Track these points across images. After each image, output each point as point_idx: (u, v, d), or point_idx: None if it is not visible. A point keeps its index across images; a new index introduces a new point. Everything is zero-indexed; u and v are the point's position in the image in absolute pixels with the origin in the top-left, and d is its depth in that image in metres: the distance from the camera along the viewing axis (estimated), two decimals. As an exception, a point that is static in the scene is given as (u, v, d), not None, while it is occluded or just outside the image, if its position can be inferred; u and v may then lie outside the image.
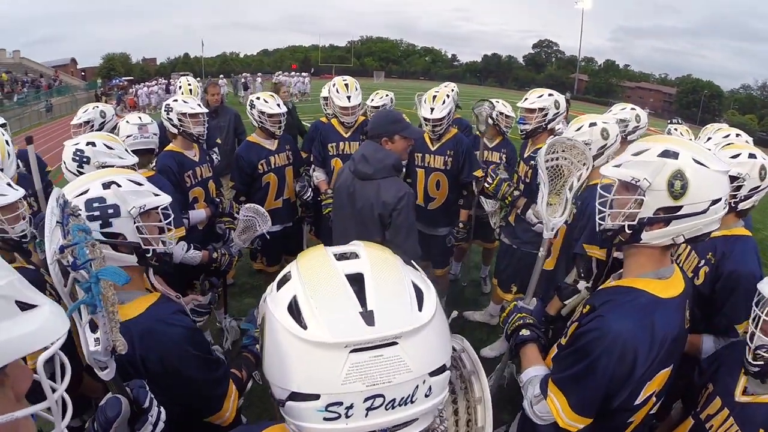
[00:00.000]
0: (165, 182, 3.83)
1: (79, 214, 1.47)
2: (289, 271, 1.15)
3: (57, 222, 1.33)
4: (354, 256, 1.16)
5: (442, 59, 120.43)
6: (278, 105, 5.14)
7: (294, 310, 1.05)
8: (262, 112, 5.11)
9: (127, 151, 3.54)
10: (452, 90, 5.18)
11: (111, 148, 3.42)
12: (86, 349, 1.39)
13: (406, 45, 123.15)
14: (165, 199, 2.21)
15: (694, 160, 1.85)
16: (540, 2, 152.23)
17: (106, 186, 2.04)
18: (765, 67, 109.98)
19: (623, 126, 4.55)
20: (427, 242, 5.02)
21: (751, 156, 2.76)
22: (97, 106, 5.05)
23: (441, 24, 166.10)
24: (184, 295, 2.85)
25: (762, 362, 1.95)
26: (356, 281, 1.07)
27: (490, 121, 5.56)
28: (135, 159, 3.55)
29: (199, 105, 4.57)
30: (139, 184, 2.15)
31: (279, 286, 1.14)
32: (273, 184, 5.32)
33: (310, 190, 5.50)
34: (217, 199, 4.81)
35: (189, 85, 6.55)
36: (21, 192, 2.59)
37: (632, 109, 4.87)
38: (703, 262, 2.88)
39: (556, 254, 4.17)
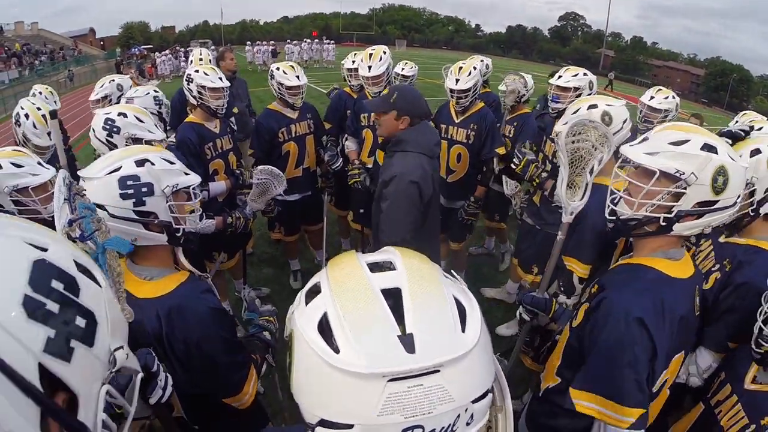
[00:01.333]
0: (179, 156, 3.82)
1: (84, 194, 1.51)
2: (318, 282, 1.04)
3: (64, 199, 1.35)
4: (389, 266, 1.04)
5: (465, 29, 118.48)
6: (297, 77, 5.08)
7: (325, 329, 0.94)
8: (281, 84, 5.08)
9: (156, 126, 3.52)
10: (481, 61, 5.12)
11: (141, 121, 3.43)
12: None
13: (429, 13, 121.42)
14: (195, 178, 2.19)
15: (729, 155, 1.88)
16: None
17: (140, 164, 1.99)
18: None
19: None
20: (446, 215, 4.95)
21: (755, 152, 2.48)
22: (113, 80, 5.13)
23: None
24: (203, 269, 2.84)
25: (763, 350, 2.01)
26: (392, 296, 0.96)
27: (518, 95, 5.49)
28: (163, 135, 3.58)
29: (221, 78, 4.45)
30: (171, 163, 2.12)
31: (307, 299, 1.02)
32: (293, 152, 5.26)
33: (340, 159, 5.43)
34: (238, 171, 4.73)
35: (200, 58, 6.52)
36: (52, 171, 2.61)
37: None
38: (717, 266, 2.66)
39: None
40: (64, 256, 0.83)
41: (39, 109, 4.15)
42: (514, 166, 4.55)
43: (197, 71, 4.41)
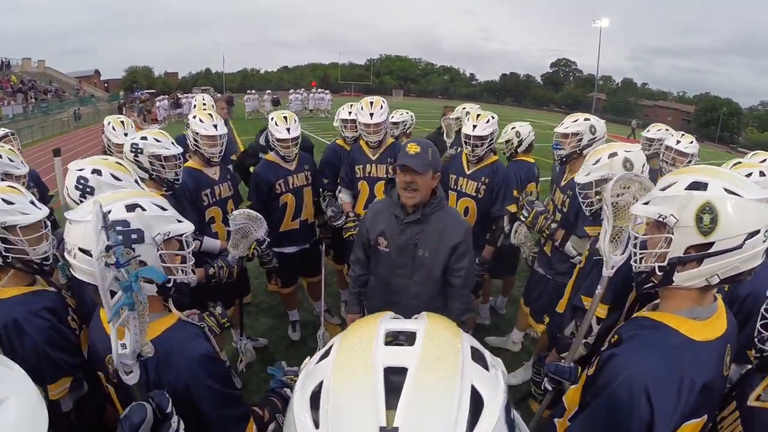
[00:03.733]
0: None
1: (116, 228, 1.57)
2: (332, 345, 0.97)
3: (101, 227, 1.37)
4: (408, 340, 0.94)
5: (460, 78, 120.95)
6: (287, 130, 4.90)
7: (315, 400, 0.87)
8: (272, 134, 5.00)
9: (137, 182, 3.09)
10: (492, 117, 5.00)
11: (118, 179, 2.94)
12: (115, 353, 1.45)
13: (424, 64, 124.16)
14: (188, 226, 2.07)
15: (726, 189, 1.66)
16: (560, 22, 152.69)
17: (130, 208, 1.89)
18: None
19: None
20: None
21: (762, 174, 2.49)
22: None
23: (463, 44, 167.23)
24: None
25: (760, 354, 2.00)
26: (399, 374, 0.85)
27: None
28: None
29: (215, 126, 4.44)
30: (164, 209, 2.01)
31: (321, 358, 0.96)
32: (290, 204, 5.18)
33: (343, 216, 5.29)
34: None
35: (204, 105, 6.41)
36: (45, 211, 2.49)
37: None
38: None
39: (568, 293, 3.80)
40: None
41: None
42: (522, 219, 4.50)
43: (194, 117, 4.45)
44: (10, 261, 2.36)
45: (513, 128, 5.60)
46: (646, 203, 1.88)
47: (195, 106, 6.32)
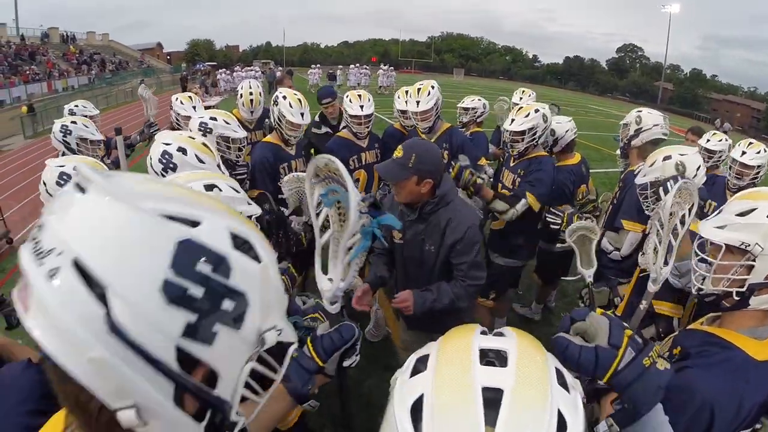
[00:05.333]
0: None
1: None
2: (428, 354, 0.94)
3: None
4: (500, 360, 0.91)
5: (522, 59, 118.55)
6: (361, 107, 5.04)
7: (417, 412, 0.84)
8: (346, 111, 5.14)
9: (219, 166, 3.05)
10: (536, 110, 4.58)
11: (201, 161, 2.91)
12: (336, 286, 1.77)
13: (486, 43, 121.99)
14: (256, 209, 2.20)
15: None
16: (626, 5, 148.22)
17: (209, 188, 1.99)
18: None
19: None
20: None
21: None
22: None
23: (525, 24, 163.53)
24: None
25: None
26: (492, 394, 0.83)
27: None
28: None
29: (302, 114, 4.58)
30: (237, 191, 2.11)
31: (414, 371, 0.93)
32: (363, 180, 5.28)
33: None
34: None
35: (251, 94, 6.06)
36: None
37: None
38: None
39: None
40: (219, 229, 0.79)
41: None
42: (557, 226, 4.40)
43: (284, 98, 4.55)
44: None
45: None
46: (721, 227, 1.88)
47: (242, 94, 6.02)
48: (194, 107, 5.27)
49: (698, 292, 1.97)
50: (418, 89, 5.04)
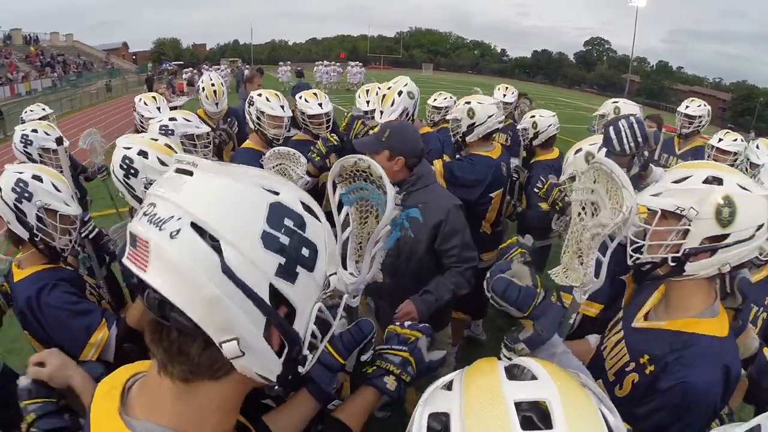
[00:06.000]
0: None
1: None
2: (452, 380, 0.91)
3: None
4: (543, 419, 0.78)
5: (491, 53, 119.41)
6: (320, 105, 4.73)
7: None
8: (303, 113, 4.78)
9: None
10: (405, 85, 4.36)
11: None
12: (361, 278, 1.88)
13: (455, 38, 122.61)
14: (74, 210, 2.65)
15: (739, 185, 1.79)
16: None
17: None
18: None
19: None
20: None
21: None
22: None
23: (495, 19, 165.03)
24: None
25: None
26: (533, 409, 0.79)
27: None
28: (79, 210, 2.89)
29: (282, 107, 4.36)
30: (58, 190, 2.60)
31: (437, 397, 0.89)
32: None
33: None
34: None
35: (213, 86, 6.00)
36: (80, 210, 2.72)
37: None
38: (632, 365, 2.07)
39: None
40: (293, 198, 1.00)
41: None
42: (537, 190, 4.25)
43: (260, 95, 4.42)
44: (37, 240, 2.50)
45: (532, 117, 5.14)
46: (656, 195, 1.92)
47: (203, 88, 5.95)
48: (158, 108, 5.20)
49: (634, 262, 1.99)
50: (383, 96, 4.38)
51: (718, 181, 1.81)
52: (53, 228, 2.52)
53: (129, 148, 2.80)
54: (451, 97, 6.33)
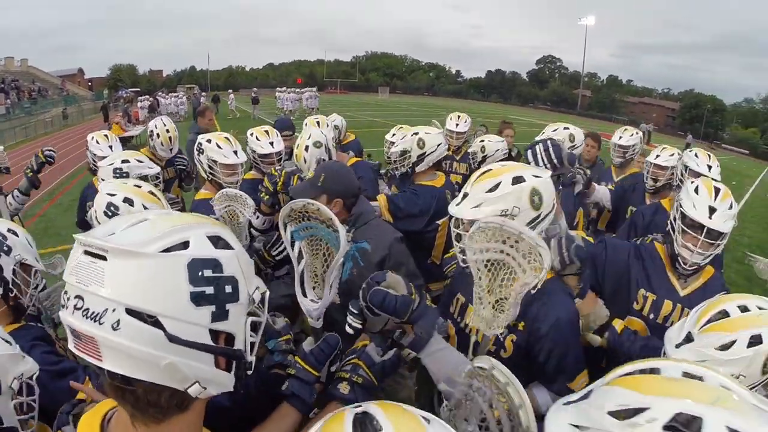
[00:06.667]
0: None
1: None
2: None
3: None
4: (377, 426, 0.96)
5: (446, 75, 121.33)
6: (271, 144, 4.52)
7: None
8: (253, 151, 4.57)
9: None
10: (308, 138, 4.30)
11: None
12: (323, 303, 2.14)
13: (410, 61, 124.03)
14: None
15: (534, 176, 2.22)
16: (546, 19, 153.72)
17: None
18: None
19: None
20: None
21: (754, 341, 1.95)
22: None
23: (449, 41, 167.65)
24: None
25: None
26: None
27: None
28: (42, 266, 2.73)
29: (236, 152, 4.06)
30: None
31: None
32: None
33: None
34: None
35: (167, 132, 5.80)
36: (41, 266, 2.53)
37: (565, 128, 4.85)
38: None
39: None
40: (201, 241, 1.09)
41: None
42: None
43: (209, 141, 4.05)
44: (12, 296, 2.31)
45: (481, 141, 5.39)
46: (478, 206, 2.17)
47: (158, 134, 5.76)
48: (111, 147, 5.12)
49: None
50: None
51: (521, 179, 2.13)
52: (25, 284, 2.35)
53: (113, 195, 2.83)
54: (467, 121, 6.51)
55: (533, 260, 1.79)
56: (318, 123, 5.29)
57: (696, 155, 4.41)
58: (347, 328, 2.02)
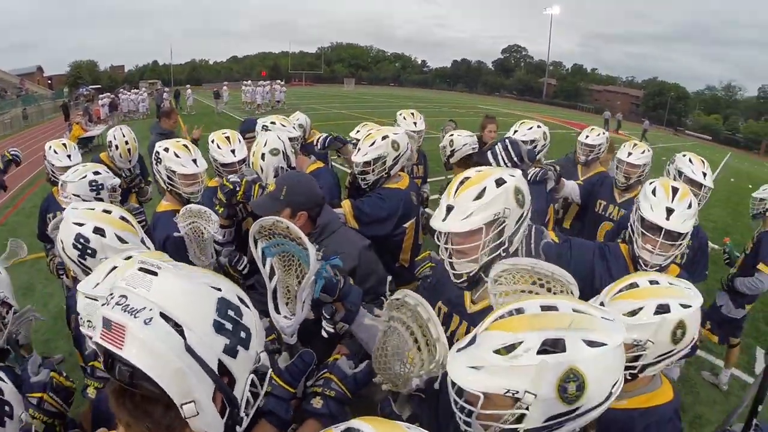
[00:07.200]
0: None
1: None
2: None
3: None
4: None
5: (412, 65, 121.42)
6: (233, 152, 4.24)
7: None
8: (215, 160, 4.28)
9: (143, 241, 2.69)
10: (264, 145, 4.02)
11: (123, 241, 2.57)
12: (297, 320, 2.14)
13: (376, 51, 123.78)
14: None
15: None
16: (511, 9, 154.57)
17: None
18: (729, 69, 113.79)
19: (532, 146, 4.69)
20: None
21: (661, 310, 2.00)
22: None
23: (414, 31, 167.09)
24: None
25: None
26: None
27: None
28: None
29: (195, 161, 3.83)
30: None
31: None
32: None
33: None
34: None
35: (126, 143, 5.63)
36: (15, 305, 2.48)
37: (539, 126, 4.95)
38: None
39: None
40: (232, 293, 1.29)
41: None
42: None
43: (166, 150, 3.80)
44: None
45: (450, 135, 5.35)
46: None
47: (116, 146, 5.59)
48: (69, 156, 4.93)
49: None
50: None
51: (503, 181, 2.13)
52: (2, 322, 2.30)
53: (82, 225, 2.53)
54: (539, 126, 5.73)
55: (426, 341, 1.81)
56: (275, 123, 4.86)
57: (690, 161, 4.32)
58: (323, 333, 2.21)
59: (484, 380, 1.37)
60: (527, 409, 1.35)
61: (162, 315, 1.14)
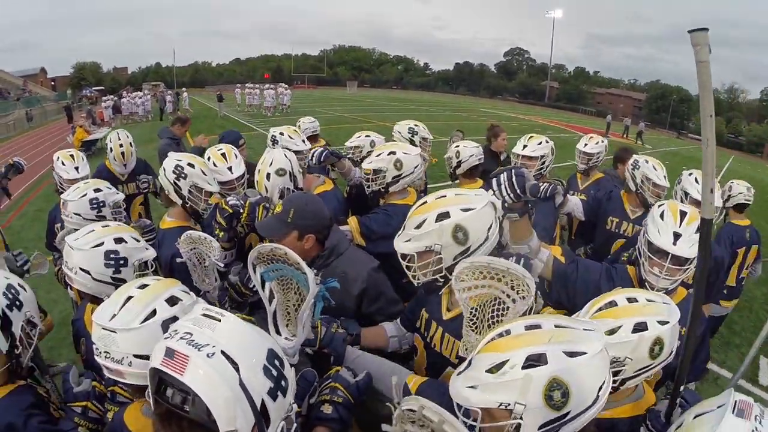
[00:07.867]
0: None
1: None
2: None
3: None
4: None
5: (414, 68, 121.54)
6: (230, 169, 4.21)
7: None
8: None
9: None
10: (270, 165, 3.86)
11: (138, 240, 2.88)
12: (298, 341, 2.24)
13: (378, 54, 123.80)
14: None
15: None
16: (513, 11, 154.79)
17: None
18: (731, 71, 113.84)
19: (541, 162, 4.88)
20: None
21: (639, 328, 2.06)
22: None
23: (416, 33, 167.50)
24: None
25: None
26: None
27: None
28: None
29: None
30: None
31: None
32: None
33: None
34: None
35: (121, 147, 5.67)
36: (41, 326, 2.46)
37: (546, 142, 5.02)
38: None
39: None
40: (278, 347, 1.46)
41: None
42: None
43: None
44: (18, 353, 2.24)
45: (456, 146, 5.28)
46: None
47: (111, 149, 5.68)
48: (77, 168, 4.94)
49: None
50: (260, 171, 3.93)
51: (446, 216, 2.31)
52: (29, 341, 2.29)
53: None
54: (367, 136, 5.41)
55: (522, 290, 1.99)
56: (283, 134, 4.75)
57: (696, 180, 4.26)
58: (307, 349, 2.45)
59: (480, 396, 1.53)
60: (521, 418, 1.47)
61: (222, 353, 1.30)
